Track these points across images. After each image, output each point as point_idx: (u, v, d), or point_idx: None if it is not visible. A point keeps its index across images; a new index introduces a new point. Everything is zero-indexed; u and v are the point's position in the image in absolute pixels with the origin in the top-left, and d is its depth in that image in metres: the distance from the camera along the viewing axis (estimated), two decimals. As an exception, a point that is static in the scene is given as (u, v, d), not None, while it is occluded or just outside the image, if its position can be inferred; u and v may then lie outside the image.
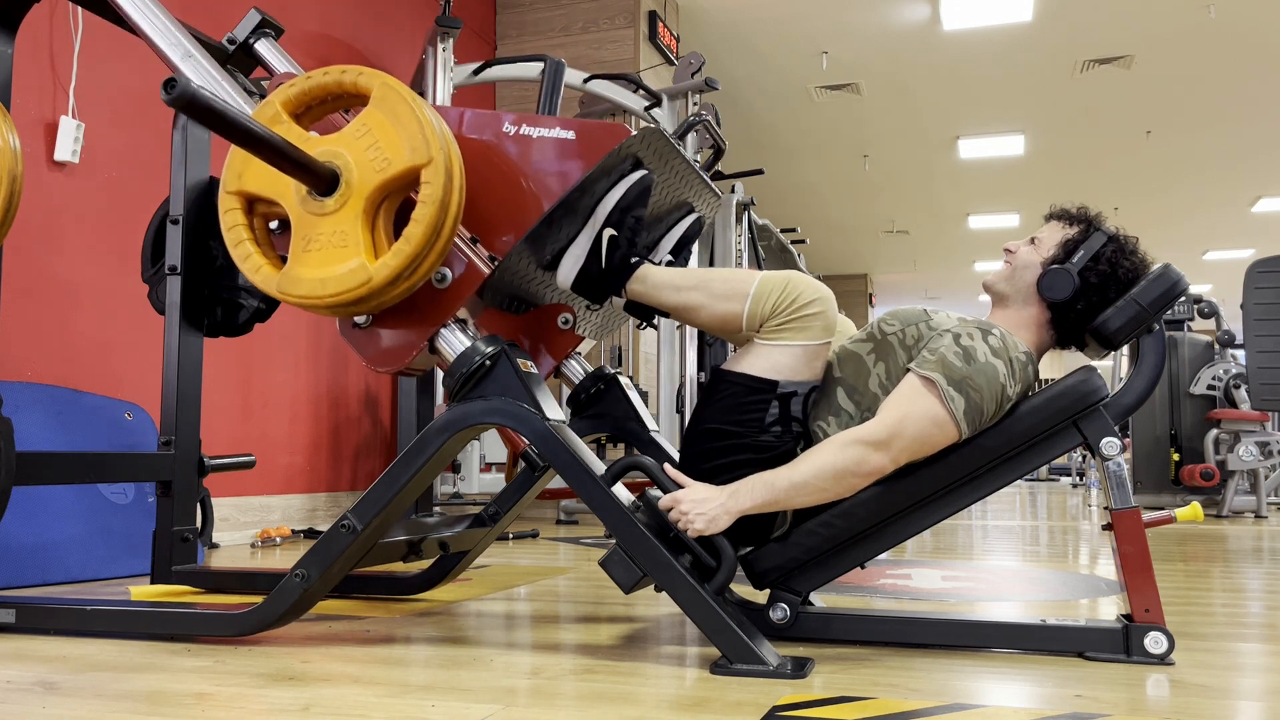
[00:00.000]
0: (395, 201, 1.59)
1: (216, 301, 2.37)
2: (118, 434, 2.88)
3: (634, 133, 1.68)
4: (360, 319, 1.66)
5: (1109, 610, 2.15)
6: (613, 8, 5.42)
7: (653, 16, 5.47)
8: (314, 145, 1.58)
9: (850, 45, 6.55)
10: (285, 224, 1.65)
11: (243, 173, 1.62)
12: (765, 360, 1.64)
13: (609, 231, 1.72)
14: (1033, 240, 1.79)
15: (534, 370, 1.68)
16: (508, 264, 1.72)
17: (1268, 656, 1.66)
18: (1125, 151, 8.63)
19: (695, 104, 4.81)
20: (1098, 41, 6.48)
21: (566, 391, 2.23)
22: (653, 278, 1.73)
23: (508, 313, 1.93)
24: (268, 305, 2.39)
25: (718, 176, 4.93)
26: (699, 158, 4.81)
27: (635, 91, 4.62)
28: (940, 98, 7.48)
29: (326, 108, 1.65)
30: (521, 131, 1.72)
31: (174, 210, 2.32)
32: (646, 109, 4.67)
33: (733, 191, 5.58)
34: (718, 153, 3.95)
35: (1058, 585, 2.57)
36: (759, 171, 5.13)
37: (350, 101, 1.63)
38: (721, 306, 1.66)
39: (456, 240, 1.64)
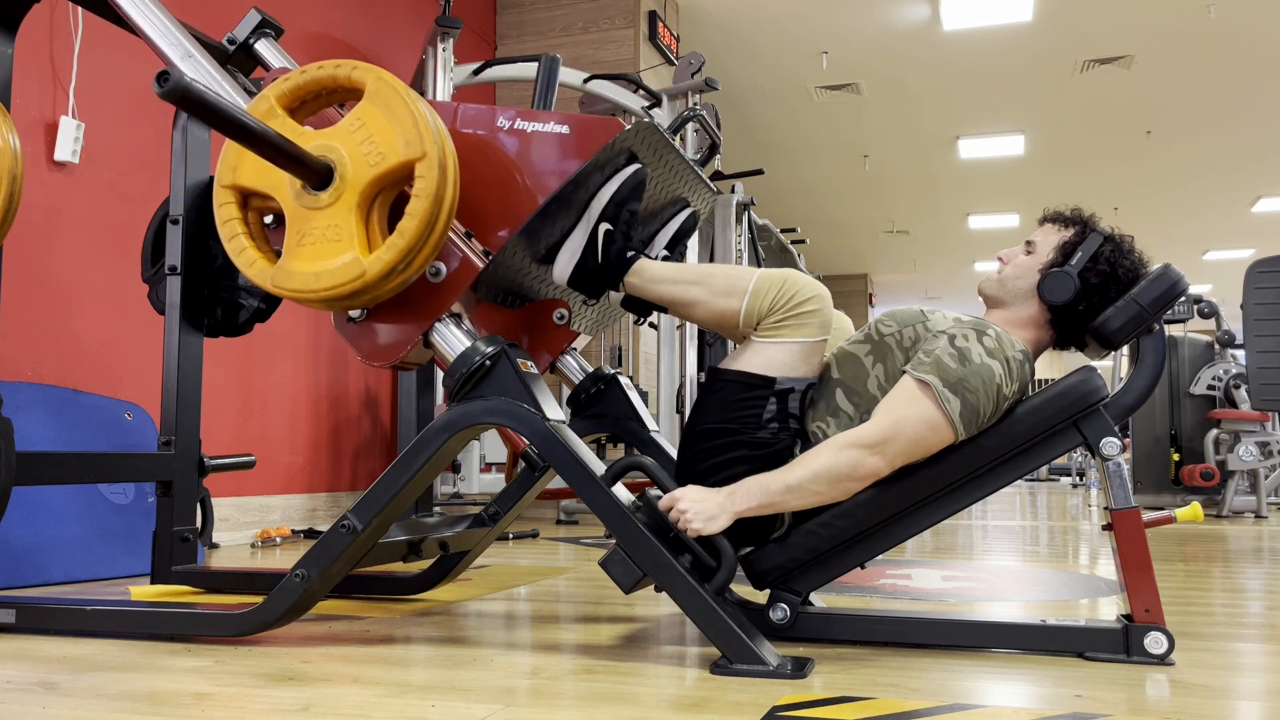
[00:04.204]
0: (390, 196, 1.60)
1: (216, 301, 2.37)
2: (118, 434, 2.88)
3: (628, 127, 1.68)
4: (355, 313, 1.67)
5: (1109, 610, 2.15)
6: (613, 8, 5.42)
7: (653, 16, 5.47)
8: (308, 140, 1.58)
9: (850, 45, 6.55)
10: (280, 218, 1.65)
11: (237, 167, 1.62)
12: (762, 357, 1.65)
13: (604, 225, 1.73)
14: (1028, 245, 1.78)
15: (534, 370, 1.68)
16: (502, 258, 1.72)
17: (1268, 656, 1.66)
18: (1125, 151, 8.63)
19: (695, 103, 4.81)
20: (1098, 41, 6.48)
21: (566, 391, 2.22)
22: (650, 271, 1.73)
23: (504, 308, 1.93)
24: (268, 305, 2.39)
25: (718, 177, 4.93)
26: (696, 155, 4.81)
27: (635, 91, 4.62)
28: (940, 98, 7.48)
29: (321, 102, 1.65)
30: (516, 126, 1.73)
31: (174, 210, 2.32)
32: (646, 109, 4.67)
33: (733, 191, 5.58)
34: (713, 149, 3.94)
35: (1058, 585, 2.57)
36: (759, 171, 5.13)
37: (345, 96, 1.63)
38: (720, 303, 1.66)
39: (451, 235, 1.65)
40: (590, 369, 2.22)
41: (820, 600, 1.96)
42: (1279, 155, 8.74)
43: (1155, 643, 1.56)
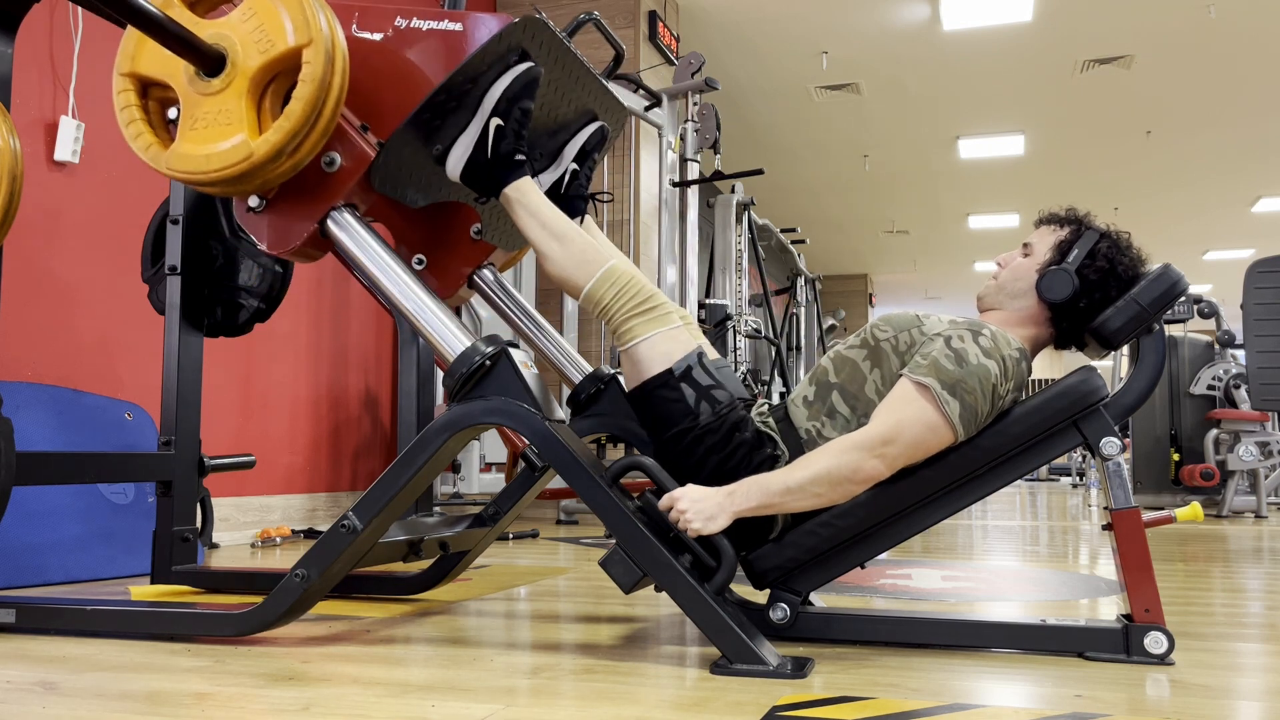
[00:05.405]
0: (283, 86, 1.65)
1: (216, 301, 2.37)
2: (118, 434, 2.88)
3: (516, 20, 1.72)
4: (254, 202, 1.71)
5: (1109, 610, 2.15)
6: (613, 8, 5.42)
7: (653, 16, 5.47)
8: (204, 29, 1.64)
9: (850, 45, 6.55)
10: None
11: (135, 55, 1.68)
12: (642, 363, 1.71)
13: (496, 121, 1.76)
14: (1024, 247, 1.79)
15: (534, 370, 1.68)
16: (395, 146, 1.75)
17: (1268, 656, 1.66)
18: (1125, 151, 8.63)
19: (695, 104, 4.81)
20: (1098, 41, 6.48)
21: (567, 391, 2.22)
22: (528, 198, 1.77)
23: (407, 205, 1.94)
24: (268, 305, 2.40)
25: (717, 176, 4.93)
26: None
27: (635, 91, 4.61)
28: (940, 98, 7.48)
29: None
30: (412, 25, 1.78)
31: (174, 210, 2.32)
32: (646, 109, 4.67)
33: (733, 191, 5.58)
34: (617, 59, 3.93)
35: (1058, 585, 2.57)
36: (759, 171, 5.12)
37: None
38: (570, 270, 1.72)
39: (345, 126, 1.70)
40: (590, 369, 2.22)
41: (820, 600, 1.97)
42: (1279, 155, 8.74)
43: (1155, 643, 1.56)
